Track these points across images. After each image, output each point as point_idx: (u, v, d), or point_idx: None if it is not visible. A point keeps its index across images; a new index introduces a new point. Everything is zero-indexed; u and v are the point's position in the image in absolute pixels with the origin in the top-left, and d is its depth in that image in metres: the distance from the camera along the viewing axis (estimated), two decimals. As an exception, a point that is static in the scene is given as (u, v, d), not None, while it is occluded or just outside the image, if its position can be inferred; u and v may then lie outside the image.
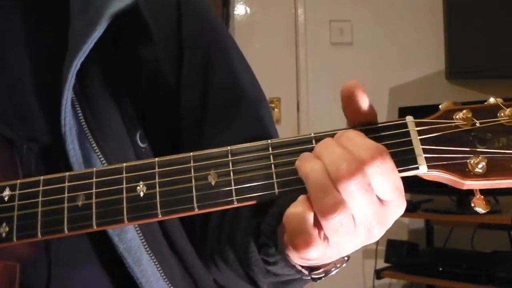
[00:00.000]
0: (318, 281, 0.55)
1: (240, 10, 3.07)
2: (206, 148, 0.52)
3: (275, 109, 3.04)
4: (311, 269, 0.54)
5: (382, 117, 0.47)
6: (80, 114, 0.60)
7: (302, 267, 0.53)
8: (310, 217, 0.45)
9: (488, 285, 2.31)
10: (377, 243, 2.78)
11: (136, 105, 0.66)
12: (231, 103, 0.67)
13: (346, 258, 0.53)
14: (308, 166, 0.46)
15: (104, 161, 0.59)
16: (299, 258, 0.49)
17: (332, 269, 0.54)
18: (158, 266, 0.61)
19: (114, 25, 0.62)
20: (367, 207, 0.44)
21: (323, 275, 0.54)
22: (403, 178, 0.47)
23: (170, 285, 0.61)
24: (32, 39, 0.64)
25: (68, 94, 0.59)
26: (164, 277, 0.61)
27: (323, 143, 0.47)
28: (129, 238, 0.59)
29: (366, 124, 0.49)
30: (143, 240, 0.60)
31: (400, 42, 3.06)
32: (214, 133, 0.66)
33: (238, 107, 0.67)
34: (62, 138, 0.59)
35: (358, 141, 0.46)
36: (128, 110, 0.65)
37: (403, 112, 2.79)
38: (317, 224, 0.45)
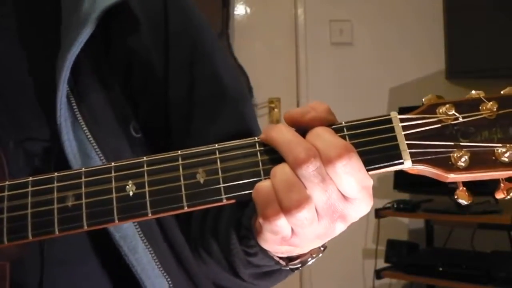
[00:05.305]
0: (296, 271, 0.57)
1: (240, 10, 3.07)
2: (194, 143, 0.52)
3: (275, 109, 3.04)
4: (289, 259, 0.55)
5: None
6: (74, 106, 0.61)
7: (280, 258, 0.54)
8: None
9: (488, 285, 2.32)
10: (377, 243, 2.78)
11: (128, 96, 0.66)
12: (215, 99, 0.68)
13: (322, 249, 0.55)
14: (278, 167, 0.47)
15: (98, 151, 0.60)
16: (270, 239, 0.49)
17: (309, 260, 0.55)
18: (153, 254, 0.61)
19: (104, 19, 0.63)
20: (328, 200, 0.46)
21: (300, 265, 0.56)
22: (403, 176, 0.48)
23: (164, 273, 0.62)
24: (23, 35, 0.65)
25: (63, 87, 0.59)
26: (159, 265, 0.61)
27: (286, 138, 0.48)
28: (124, 227, 0.59)
29: (352, 120, 0.49)
30: (138, 229, 0.60)
31: (400, 42, 3.06)
32: (201, 128, 0.67)
33: (222, 103, 0.68)
34: (55, 133, 0.59)
35: (326, 137, 0.47)
36: (120, 101, 0.65)
37: (403, 112, 2.77)
38: None
